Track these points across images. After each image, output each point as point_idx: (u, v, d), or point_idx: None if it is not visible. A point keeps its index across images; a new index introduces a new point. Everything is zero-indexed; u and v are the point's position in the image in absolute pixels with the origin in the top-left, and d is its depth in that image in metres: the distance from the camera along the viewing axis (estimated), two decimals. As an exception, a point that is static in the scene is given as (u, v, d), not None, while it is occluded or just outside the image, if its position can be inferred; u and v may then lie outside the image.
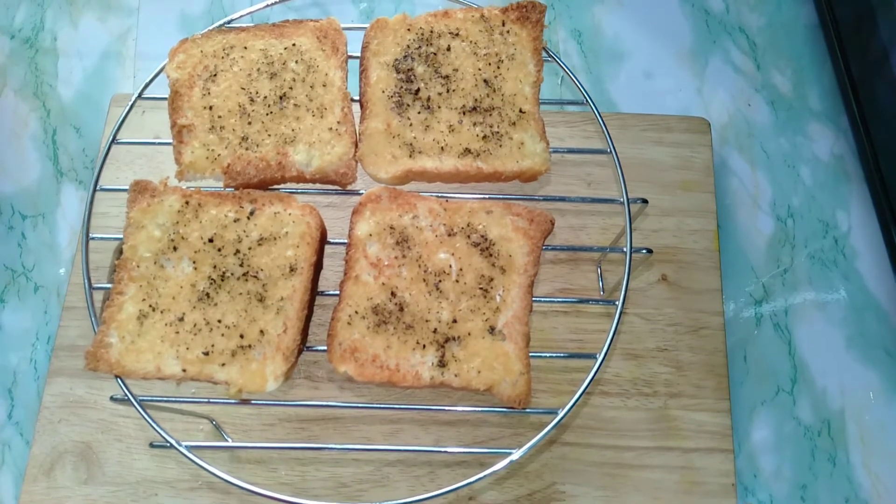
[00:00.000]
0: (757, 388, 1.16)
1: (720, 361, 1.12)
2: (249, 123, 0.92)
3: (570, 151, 1.04)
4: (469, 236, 0.88)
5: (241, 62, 0.95)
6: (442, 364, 0.83)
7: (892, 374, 1.17)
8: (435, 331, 0.84)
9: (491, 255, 0.87)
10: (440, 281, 0.86)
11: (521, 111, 0.94)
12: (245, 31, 0.98)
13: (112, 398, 0.86)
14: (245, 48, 0.96)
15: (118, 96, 1.27)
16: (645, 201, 0.94)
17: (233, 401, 0.85)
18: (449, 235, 0.88)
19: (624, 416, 1.09)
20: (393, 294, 0.85)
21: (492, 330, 0.84)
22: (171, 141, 0.93)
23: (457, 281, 0.86)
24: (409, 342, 0.84)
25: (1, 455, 1.11)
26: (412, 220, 0.88)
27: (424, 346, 0.83)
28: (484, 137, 0.92)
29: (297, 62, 0.95)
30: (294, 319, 0.84)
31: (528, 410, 0.85)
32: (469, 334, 0.84)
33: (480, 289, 0.86)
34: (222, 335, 0.83)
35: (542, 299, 0.95)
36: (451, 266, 0.86)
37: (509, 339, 0.84)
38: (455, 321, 0.84)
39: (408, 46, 0.96)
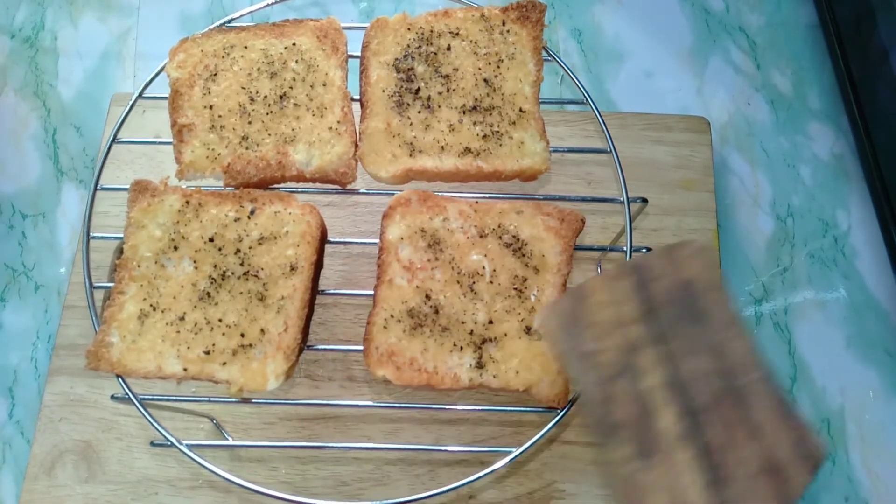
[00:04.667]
0: (757, 387, 1.16)
1: (720, 360, 1.12)
2: (250, 123, 0.92)
3: (570, 151, 1.04)
4: (500, 237, 0.88)
5: (242, 61, 0.95)
6: (480, 366, 0.83)
7: (892, 374, 1.17)
8: (471, 332, 0.84)
9: (523, 256, 0.87)
10: (474, 282, 0.86)
11: (521, 110, 0.94)
12: (245, 30, 0.98)
13: (113, 397, 0.86)
14: (245, 48, 0.96)
15: (118, 96, 1.27)
16: (645, 200, 0.95)
17: (233, 399, 0.85)
18: (480, 237, 0.88)
19: (624, 415, 1.09)
20: (427, 297, 0.85)
21: (528, 330, 0.84)
22: (171, 140, 0.93)
23: (491, 282, 0.86)
24: (445, 344, 0.83)
25: (2, 454, 1.12)
26: (443, 223, 0.88)
27: (462, 347, 0.83)
28: (484, 136, 0.92)
29: (297, 62, 0.96)
30: (295, 318, 0.84)
31: (528, 409, 0.85)
32: (505, 335, 0.84)
33: (515, 289, 0.86)
34: (223, 334, 0.84)
35: (543, 298, 0.95)
36: (484, 267, 0.86)
37: None
38: (491, 322, 0.84)
39: (408, 46, 0.96)
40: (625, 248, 0.91)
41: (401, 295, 0.85)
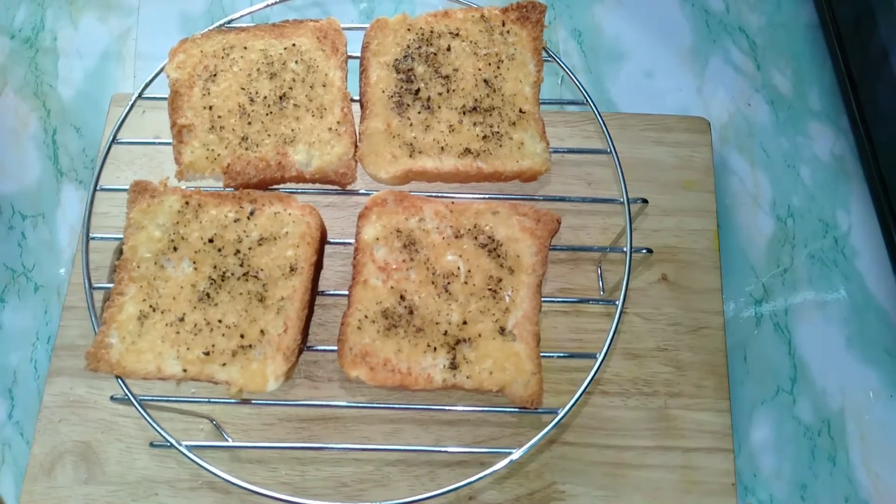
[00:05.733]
0: (757, 387, 1.16)
1: (720, 361, 1.12)
2: (249, 123, 0.92)
3: (571, 151, 1.04)
4: (476, 237, 0.88)
5: (241, 62, 0.95)
6: (453, 366, 0.83)
7: (892, 374, 1.17)
8: (445, 333, 0.84)
9: (499, 256, 0.87)
10: (449, 283, 0.85)
11: (521, 111, 0.94)
12: (245, 31, 0.98)
13: (112, 398, 0.86)
14: (245, 48, 0.96)
15: (118, 96, 1.27)
16: (645, 201, 0.94)
17: (233, 400, 0.85)
18: (456, 237, 0.88)
19: (624, 415, 1.09)
20: (402, 297, 0.85)
21: (502, 330, 0.84)
22: (171, 141, 0.93)
23: (465, 283, 0.86)
24: (419, 345, 0.83)
25: (1, 455, 1.12)
26: (419, 223, 0.88)
27: (435, 348, 0.83)
28: (484, 137, 0.92)
29: (296, 62, 0.96)
30: (294, 319, 0.84)
31: (528, 410, 0.85)
32: (480, 335, 0.84)
33: (489, 290, 0.85)
34: (223, 335, 0.83)
35: (543, 299, 0.95)
36: (459, 268, 0.86)
37: (520, 339, 0.84)
38: (465, 323, 0.84)
39: (408, 46, 0.96)
40: (625, 249, 0.91)
41: (375, 295, 0.85)
